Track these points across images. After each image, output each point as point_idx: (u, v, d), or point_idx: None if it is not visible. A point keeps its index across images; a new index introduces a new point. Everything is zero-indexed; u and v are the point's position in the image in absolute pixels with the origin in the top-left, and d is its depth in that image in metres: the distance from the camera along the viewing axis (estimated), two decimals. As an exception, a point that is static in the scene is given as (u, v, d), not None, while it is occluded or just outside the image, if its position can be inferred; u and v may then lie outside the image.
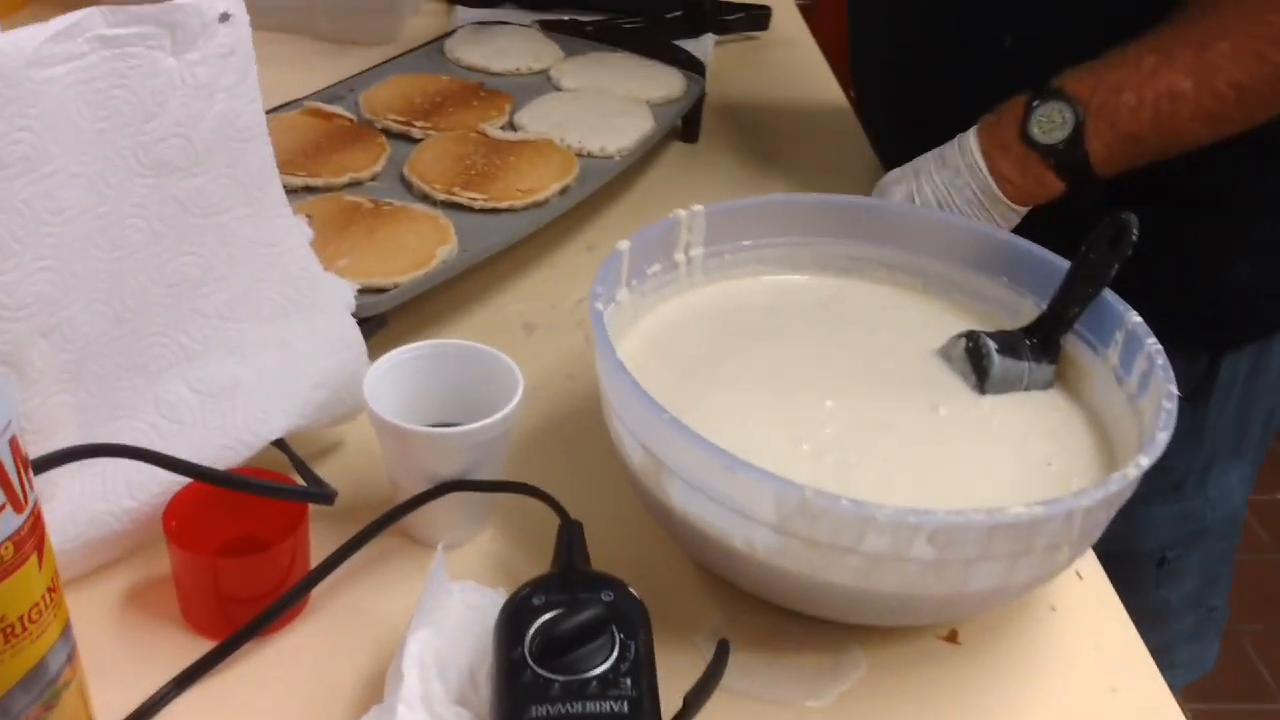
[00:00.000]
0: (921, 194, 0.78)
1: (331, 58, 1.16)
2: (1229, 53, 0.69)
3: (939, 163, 0.78)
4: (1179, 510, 0.94)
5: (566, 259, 0.89)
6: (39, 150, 0.50)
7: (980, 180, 0.76)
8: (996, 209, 0.77)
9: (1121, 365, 0.64)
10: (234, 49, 0.59)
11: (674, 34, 1.21)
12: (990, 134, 0.76)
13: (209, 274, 0.60)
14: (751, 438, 0.61)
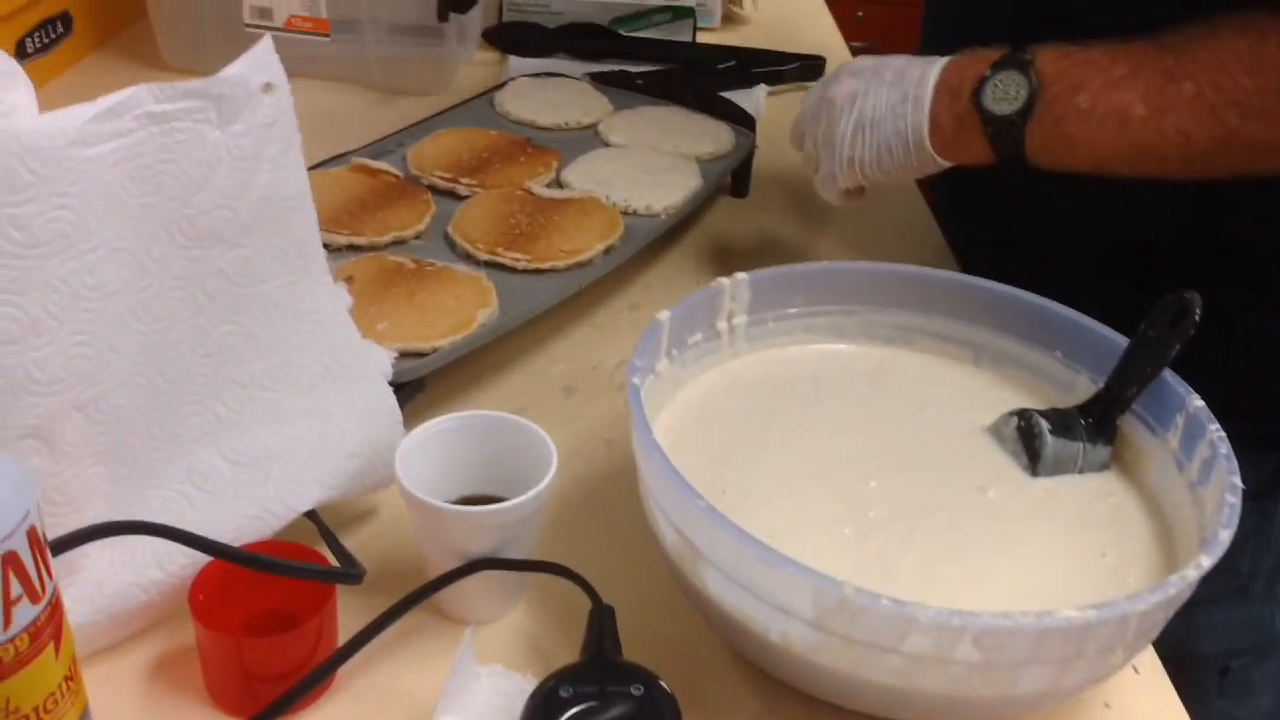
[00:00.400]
0: (864, 100, 0.75)
1: (383, 108, 1.17)
2: (1190, 96, 0.66)
3: (896, 79, 0.74)
4: (1245, 616, 0.89)
5: (609, 318, 0.88)
6: (79, 227, 0.50)
7: (917, 117, 0.73)
8: (919, 153, 0.74)
9: (1182, 450, 0.61)
10: (277, 119, 0.59)
11: (726, 85, 1.21)
12: (949, 77, 0.73)
13: (249, 342, 0.60)
14: (792, 520, 0.60)
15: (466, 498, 0.62)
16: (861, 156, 0.74)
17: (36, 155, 0.47)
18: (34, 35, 1.12)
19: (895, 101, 0.73)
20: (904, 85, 0.74)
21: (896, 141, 0.74)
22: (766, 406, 0.68)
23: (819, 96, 0.79)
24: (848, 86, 0.76)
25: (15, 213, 0.46)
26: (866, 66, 0.76)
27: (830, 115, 0.75)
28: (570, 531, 0.67)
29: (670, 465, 0.54)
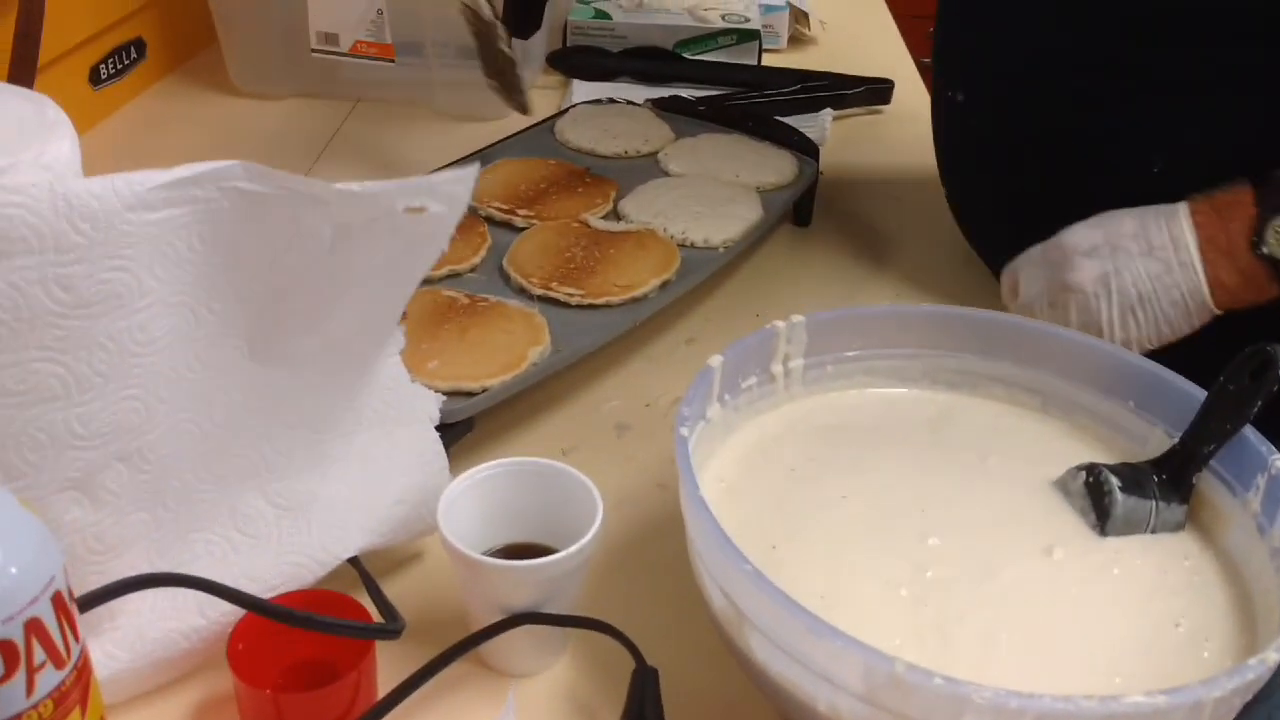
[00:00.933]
0: (1119, 280, 0.71)
1: (447, 133, 1.17)
2: None
3: (1144, 248, 0.70)
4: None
5: (665, 352, 0.86)
6: (132, 288, 0.48)
7: (1192, 283, 0.69)
8: (1199, 314, 0.70)
9: (1264, 513, 0.58)
10: (416, 239, 0.57)
11: (791, 109, 1.19)
12: (1209, 234, 0.69)
13: (303, 386, 0.59)
14: (846, 579, 0.57)
15: (512, 545, 0.61)
16: (1136, 336, 0.71)
17: (88, 218, 0.46)
18: (108, 61, 1.14)
19: (1158, 273, 0.70)
20: (1159, 253, 0.70)
21: (1175, 312, 0.70)
22: (822, 454, 0.66)
23: (1049, 284, 0.74)
24: (1091, 270, 0.71)
25: (62, 272, 0.46)
26: (1096, 242, 0.72)
27: (1083, 304, 0.72)
28: (618, 581, 0.66)
29: (716, 525, 0.52)
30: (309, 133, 1.17)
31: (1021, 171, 0.85)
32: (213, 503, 0.58)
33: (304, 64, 1.19)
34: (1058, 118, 0.80)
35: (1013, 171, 0.86)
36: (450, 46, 1.17)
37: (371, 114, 1.21)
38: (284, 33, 1.18)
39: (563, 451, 0.75)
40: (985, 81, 0.86)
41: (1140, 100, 0.75)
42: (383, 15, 1.15)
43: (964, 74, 0.88)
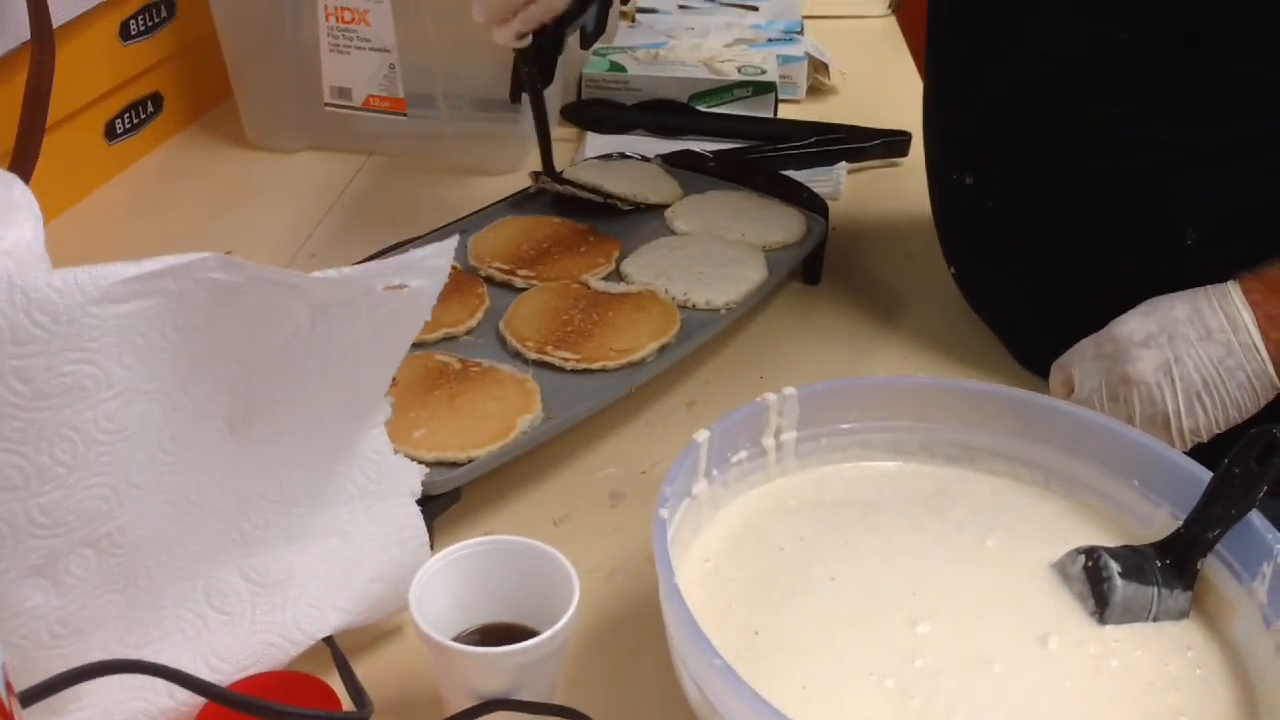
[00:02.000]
0: (1181, 367, 0.68)
1: (459, 186, 1.17)
2: None
3: (1202, 332, 0.69)
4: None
5: (664, 416, 0.84)
6: (98, 379, 0.47)
7: (1256, 364, 0.67)
8: (1266, 394, 0.68)
9: (1270, 604, 0.55)
10: (397, 314, 0.56)
11: (805, 164, 1.17)
12: (1267, 311, 0.68)
13: (284, 459, 0.58)
14: (830, 668, 0.56)
15: (489, 626, 0.59)
16: (1205, 422, 0.69)
17: (48, 311, 0.45)
18: (124, 116, 1.15)
19: (1220, 357, 0.68)
20: (1218, 336, 0.68)
21: (1242, 395, 0.68)
22: (813, 532, 0.64)
23: (1107, 377, 0.71)
24: (1150, 360, 0.69)
25: (19, 364, 0.44)
26: (1151, 331, 0.70)
27: (1146, 395, 0.69)
28: (604, 660, 0.64)
29: (690, 615, 0.50)
30: (322, 185, 1.17)
31: (1045, 256, 0.83)
32: (187, 578, 0.57)
33: (317, 118, 1.20)
34: (1082, 197, 0.78)
35: (1035, 256, 0.84)
36: (463, 99, 1.17)
37: (384, 167, 1.21)
38: (298, 87, 1.19)
39: (554, 522, 0.74)
40: (999, 163, 0.84)
41: (1169, 173, 0.73)
42: (395, 70, 1.16)
43: (973, 156, 0.86)
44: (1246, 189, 0.72)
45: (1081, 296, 0.74)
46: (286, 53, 1.17)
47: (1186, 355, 0.68)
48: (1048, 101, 0.78)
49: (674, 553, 0.55)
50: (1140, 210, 0.75)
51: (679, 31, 1.43)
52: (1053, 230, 0.81)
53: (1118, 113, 0.74)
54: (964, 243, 0.90)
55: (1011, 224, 0.84)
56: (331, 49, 1.16)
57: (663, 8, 1.56)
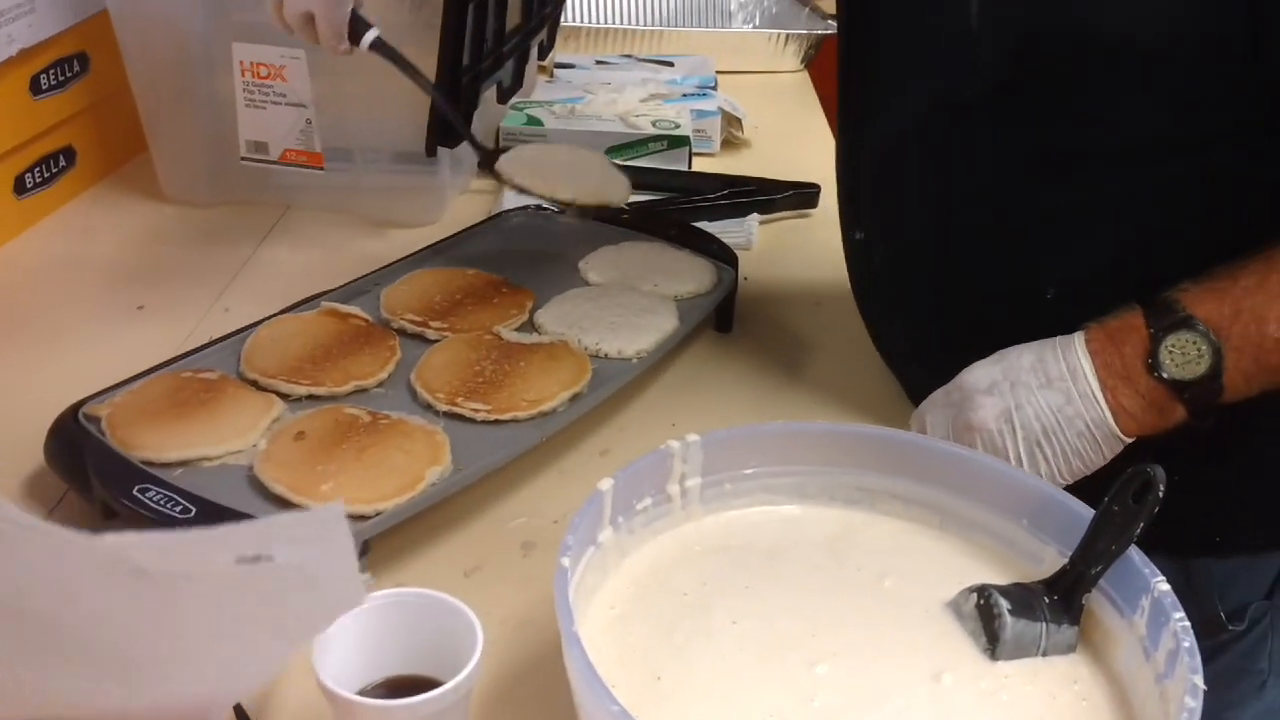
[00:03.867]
0: (1022, 414, 0.69)
1: (375, 238, 1.18)
2: None
3: (1042, 380, 0.70)
4: (1262, 706, 0.86)
5: (577, 465, 0.85)
6: None
7: (1095, 413, 0.68)
8: (1108, 444, 0.69)
9: (1149, 637, 0.58)
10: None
11: (718, 215, 1.20)
12: (1105, 359, 0.69)
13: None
14: (730, 712, 0.57)
15: (394, 679, 0.59)
16: (1046, 471, 0.70)
17: None
18: (34, 170, 1.15)
19: (1060, 405, 0.69)
20: (1058, 384, 0.69)
21: (1082, 443, 0.69)
22: (716, 577, 0.65)
23: (953, 425, 0.73)
24: (992, 407, 0.71)
25: None
26: (995, 379, 0.71)
27: (988, 442, 0.71)
28: (510, 710, 0.65)
29: (587, 661, 0.51)
30: (237, 239, 1.17)
31: (923, 307, 0.86)
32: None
33: (233, 171, 1.20)
34: (950, 254, 0.81)
35: (915, 307, 0.87)
36: (380, 153, 1.18)
37: (301, 220, 1.22)
38: (213, 141, 1.19)
39: (464, 573, 0.74)
40: (880, 221, 0.87)
41: (1028, 230, 0.76)
42: (311, 125, 1.16)
43: (862, 214, 0.90)
44: (1100, 246, 0.74)
45: (956, 347, 0.76)
46: (202, 107, 1.18)
47: (1027, 403, 0.70)
48: (912, 162, 0.81)
49: (579, 600, 0.56)
50: (1002, 266, 0.78)
51: (596, 87, 1.46)
52: (928, 284, 0.84)
53: (974, 174, 0.77)
54: (863, 293, 0.93)
55: (896, 277, 0.88)
56: (248, 104, 1.16)
57: (580, 63, 1.59)
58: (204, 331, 0.96)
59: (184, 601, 0.42)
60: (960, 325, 0.77)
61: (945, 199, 0.80)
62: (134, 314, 1.03)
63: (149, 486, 0.68)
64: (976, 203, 0.78)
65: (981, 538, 0.68)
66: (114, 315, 1.02)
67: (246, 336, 0.86)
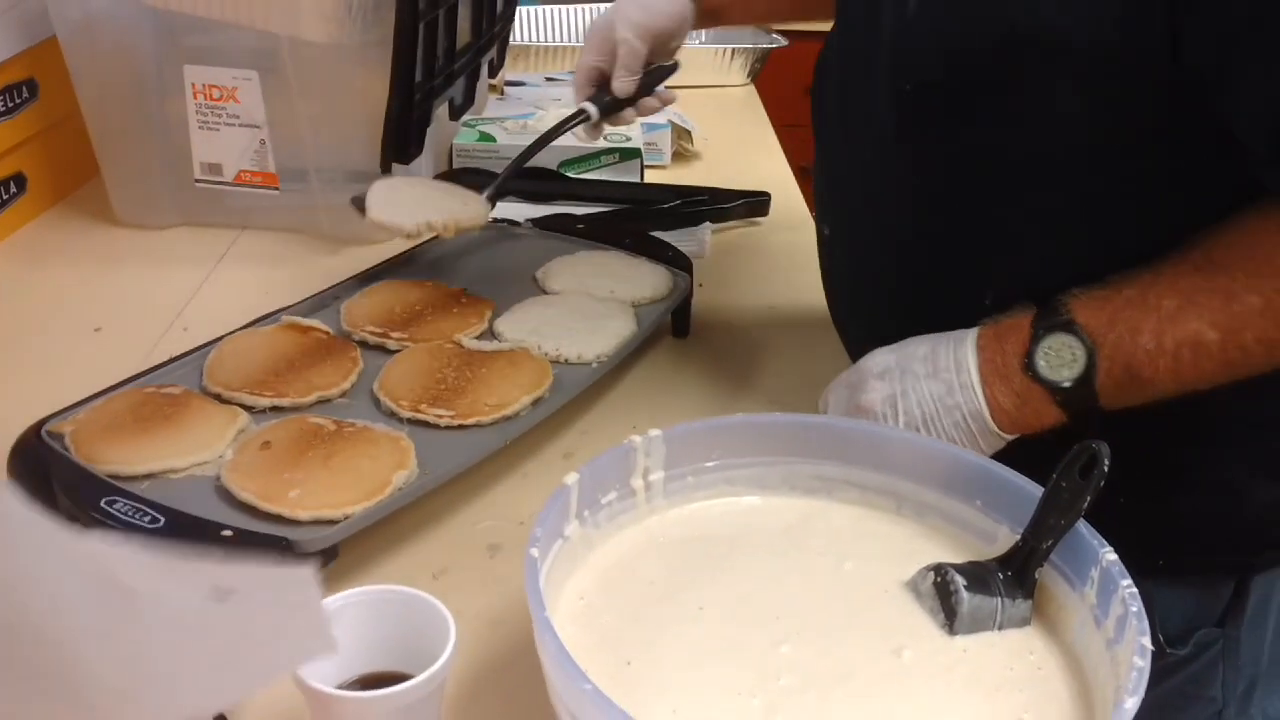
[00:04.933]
0: (906, 401, 0.73)
1: (332, 255, 1.19)
2: (1260, 308, 0.65)
3: (930, 369, 0.72)
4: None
5: (540, 468, 0.87)
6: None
7: (972, 405, 0.71)
8: (984, 438, 0.72)
9: (1099, 605, 0.60)
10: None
11: (671, 225, 1.22)
12: (989, 355, 0.71)
13: None
14: (698, 692, 0.58)
15: (369, 675, 0.60)
16: None
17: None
18: (-15, 198, 1.14)
19: (941, 395, 0.71)
20: (943, 375, 0.72)
21: (958, 434, 0.71)
22: (682, 567, 0.67)
23: (847, 404, 0.76)
24: (880, 391, 0.73)
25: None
26: (888, 365, 0.74)
27: (873, 424, 0.73)
28: (486, 704, 0.66)
29: (559, 643, 0.52)
30: (194, 260, 1.17)
31: (876, 304, 0.88)
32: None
33: (188, 194, 1.20)
34: (900, 254, 0.83)
35: (870, 303, 0.89)
36: (335, 172, 1.19)
37: (257, 241, 1.22)
38: (167, 163, 1.19)
39: (433, 575, 0.75)
40: (841, 218, 0.90)
41: (967, 238, 0.77)
42: (265, 145, 1.17)
43: (826, 211, 0.92)
44: (1034, 260, 0.75)
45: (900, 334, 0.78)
46: (154, 130, 1.18)
47: (912, 390, 0.72)
48: (871, 163, 0.83)
49: (548, 592, 0.57)
50: (945, 272, 0.80)
51: (546, 103, 1.48)
52: (880, 283, 0.87)
53: (920, 178, 0.79)
54: (828, 287, 0.95)
55: (853, 273, 0.90)
56: (201, 126, 1.17)
57: (530, 81, 1.61)
58: (163, 351, 0.96)
59: (150, 618, 0.41)
60: (910, 326, 0.79)
61: (894, 201, 0.82)
62: (91, 336, 1.03)
63: (116, 499, 0.68)
64: (923, 207, 0.80)
65: (937, 520, 0.70)
66: (71, 337, 1.02)
67: (208, 352, 0.86)
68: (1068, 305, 0.69)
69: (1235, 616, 0.84)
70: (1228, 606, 0.84)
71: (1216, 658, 0.85)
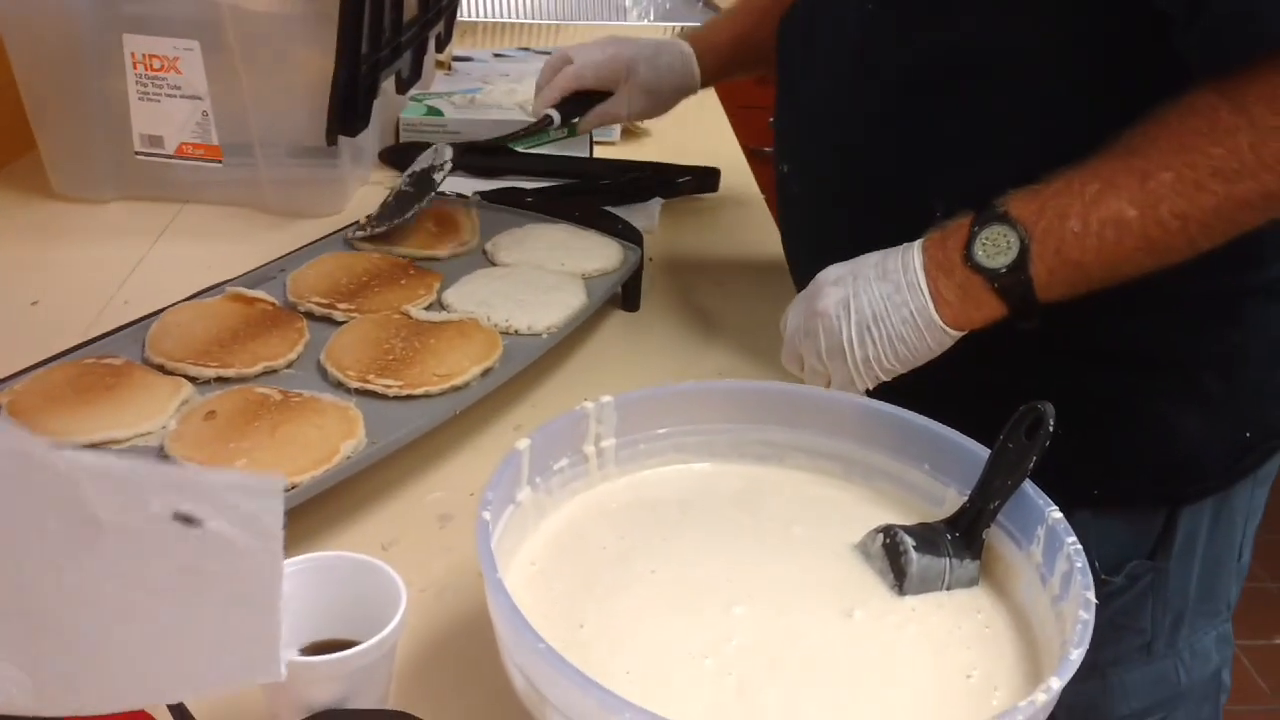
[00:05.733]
0: (857, 301, 0.76)
1: (277, 229, 1.17)
2: (1171, 183, 0.68)
3: (880, 273, 0.76)
4: (1153, 673, 0.90)
5: (491, 440, 0.86)
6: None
7: (919, 300, 0.74)
8: (931, 332, 0.75)
9: (1045, 563, 0.61)
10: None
11: (621, 200, 1.22)
12: (933, 253, 0.75)
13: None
14: (652, 654, 0.58)
15: (317, 643, 0.59)
16: (875, 354, 0.75)
17: None
18: (-85, 170, 1.11)
19: (889, 293, 0.75)
20: (891, 276, 0.75)
21: (906, 330, 0.75)
22: (633, 532, 0.67)
23: (804, 313, 0.79)
24: (834, 295, 0.77)
25: None
26: (842, 273, 0.78)
27: (827, 326, 0.77)
28: (437, 672, 0.65)
29: (512, 605, 0.52)
30: (135, 234, 1.15)
31: (832, 229, 0.90)
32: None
33: (128, 167, 1.18)
34: (853, 173, 0.85)
35: (826, 231, 0.91)
36: (280, 146, 1.17)
37: (200, 215, 1.20)
38: (106, 136, 1.17)
39: (382, 546, 0.74)
40: (798, 150, 0.92)
41: (919, 149, 0.80)
42: (208, 117, 1.15)
43: (784, 146, 0.94)
44: (985, 166, 0.78)
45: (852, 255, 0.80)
46: (92, 102, 1.15)
47: (863, 291, 0.76)
48: (832, 83, 0.86)
49: (500, 558, 0.57)
50: (898, 186, 0.82)
51: (494, 78, 1.47)
52: (835, 215, 0.89)
53: (876, 91, 0.82)
54: (785, 229, 0.97)
55: (810, 207, 0.92)
56: (141, 97, 1.14)
57: (477, 56, 1.60)
58: (103, 324, 0.94)
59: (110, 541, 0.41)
60: (865, 247, 0.81)
61: (847, 118, 0.84)
62: (28, 310, 1.00)
63: (56, 469, 0.67)
64: (878, 123, 0.82)
65: (885, 484, 0.70)
66: (5, 312, 1.00)
67: (150, 323, 0.84)
68: (1004, 201, 0.73)
69: (1165, 549, 0.87)
70: (1158, 539, 0.86)
71: (1147, 590, 0.88)
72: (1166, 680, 0.91)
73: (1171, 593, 0.88)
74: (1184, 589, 0.89)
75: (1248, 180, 0.67)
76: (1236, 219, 0.69)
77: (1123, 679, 0.89)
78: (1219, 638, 0.93)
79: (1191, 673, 0.91)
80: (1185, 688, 0.91)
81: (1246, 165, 0.67)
